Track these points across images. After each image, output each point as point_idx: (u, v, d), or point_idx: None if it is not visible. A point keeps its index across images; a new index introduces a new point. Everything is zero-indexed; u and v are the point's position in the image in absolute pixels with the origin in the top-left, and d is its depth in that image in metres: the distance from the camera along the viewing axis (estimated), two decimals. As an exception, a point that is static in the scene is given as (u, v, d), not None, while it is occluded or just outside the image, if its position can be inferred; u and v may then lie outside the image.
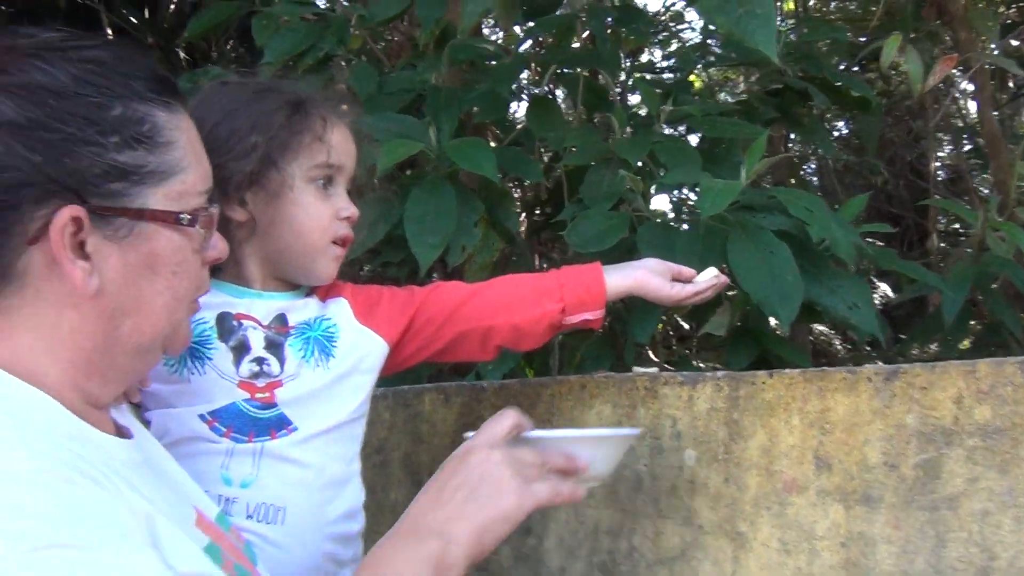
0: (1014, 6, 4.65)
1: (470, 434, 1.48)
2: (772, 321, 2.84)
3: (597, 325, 1.88)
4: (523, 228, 3.70)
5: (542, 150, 3.32)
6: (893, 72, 5.14)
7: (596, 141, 2.74)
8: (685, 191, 3.28)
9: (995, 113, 3.55)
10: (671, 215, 3.10)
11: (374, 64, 3.22)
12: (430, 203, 2.57)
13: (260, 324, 1.71)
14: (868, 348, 6.41)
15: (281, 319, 1.73)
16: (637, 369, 1.88)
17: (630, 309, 2.82)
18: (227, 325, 1.69)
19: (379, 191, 2.08)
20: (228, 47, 4.66)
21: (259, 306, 1.73)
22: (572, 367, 2.84)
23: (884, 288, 5.07)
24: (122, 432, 1.36)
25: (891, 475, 1.49)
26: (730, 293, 2.86)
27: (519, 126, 3.30)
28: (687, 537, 1.76)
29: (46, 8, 4.62)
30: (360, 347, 1.77)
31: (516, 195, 4.32)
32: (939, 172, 6.23)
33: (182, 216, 1.28)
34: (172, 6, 5.10)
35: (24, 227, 1.19)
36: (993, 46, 3.22)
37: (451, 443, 2.21)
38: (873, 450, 1.52)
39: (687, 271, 1.89)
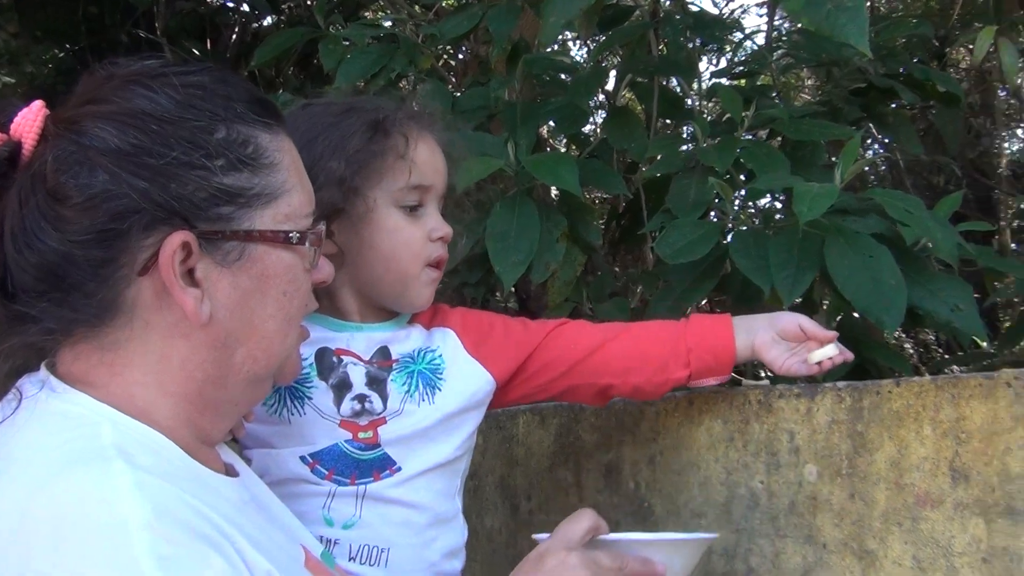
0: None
1: (543, 536, 1.43)
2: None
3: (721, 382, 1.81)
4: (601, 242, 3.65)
5: (617, 162, 3.26)
6: (953, 68, 5.05)
7: (678, 150, 2.68)
8: (768, 198, 3.20)
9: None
10: (756, 222, 3.02)
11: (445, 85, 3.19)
12: (512, 220, 2.52)
13: (361, 359, 1.65)
14: (939, 351, 6.29)
15: (384, 352, 1.66)
16: (748, 382, 1.80)
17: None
18: (327, 362, 1.63)
19: (469, 210, 2.01)
20: (291, 73, 4.66)
21: (359, 340, 1.66)
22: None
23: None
24: (229, 470, 1.32)
25: (1037, 485, 1.42)
26: (825, 302, 2.79)
27: (592, 139, 3.25)
28: (810, 557, 1.68)
29: (109, 44, 4.64)
30: (468, 381, 1.70)
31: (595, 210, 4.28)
32: (1003, 170, 6.13)
33: (292, 235, 1.25)
34: (234, 36, 5.11)
35: (133, 256, 1.16)
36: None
37: (548, 467, 2.15)
38: (1015, 459, 1.43)
39: (821, 333, 1.74)
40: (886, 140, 4.07)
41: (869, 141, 4.98)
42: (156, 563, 0.99)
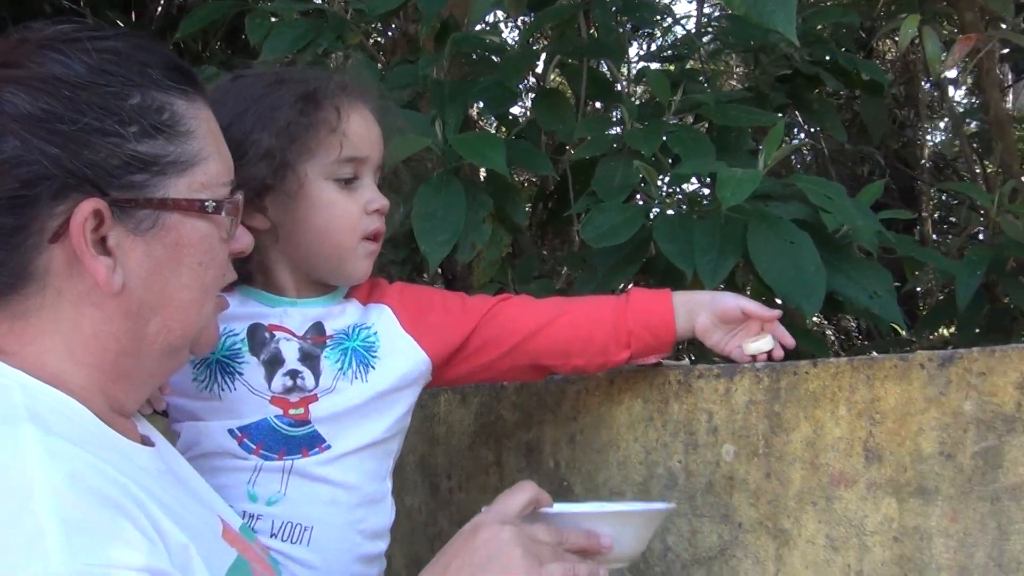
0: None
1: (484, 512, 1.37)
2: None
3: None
4: (528, 223, 3.64)
5: (546, 144, 3.26)
6: (879, 59, 5.12)
7: (607, 132, 2.69)
8: (694, 182, 3.22)
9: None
10: (683, 207, 3.04)
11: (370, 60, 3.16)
12: (439, 199, 2.51)
13: (295, 335, 1.62)
14: (859, 338, 6.39)
15: (318, 328, 1.64)
16: (668, 362, 1.81)
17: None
18: (259, 338, 1.60)
19: (407, 180, 1.97)
20: (218, 48, 4.60)
21: (293, 315, 1.63)
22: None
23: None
24: (145, 441, 1.30)
25: (947, 465, 1.44)
26: (747, 287, 2.81)
27: (522, 120, 3.25)
28: (726, 536, 1.70)
29: (31, 13, 4.54)
30: (403, 360, 1.67)
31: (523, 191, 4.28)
32: (926, 161, 6.22)
33: (208, 203, 1.23)
34: (159, 8, 5.03)
35: (43, 224, 1.14)
36: (1004, 27, 3.17)
37: (468, 445, 2.15)
38: (927, 440, 1.46)
39: (764, 313, 1.72)
40: (812, 129, 4.11)
41: (796, 130, 5.04)
42: (60, 527, 0.97)
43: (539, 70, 3.27)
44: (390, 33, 4.04)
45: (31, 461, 1.02)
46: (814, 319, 5.85)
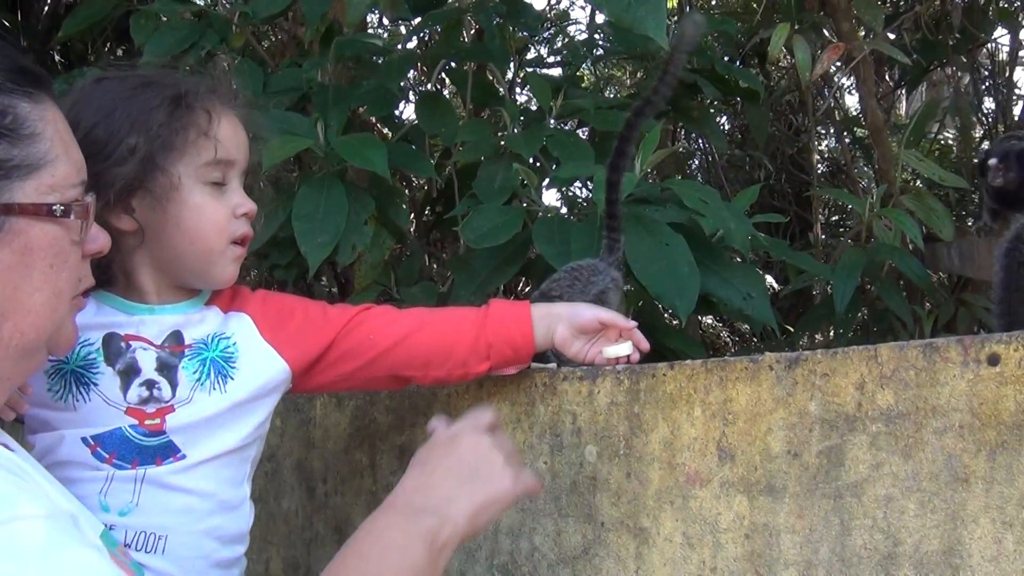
0: (891, 2, 4.74)
1: (437, 423, 1.49)
2: (666, 314, 2.85)
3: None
4: (414, 226, 3.65)
5: (432, 148, 3.27)
6: (774, 66, 5.22)
7: (488, 136, 2.72)
8: (577, 186, 3.26)
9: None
10: (564, 210, 3.08)
11: (258, 64, 3.14)
12: (319, 201, 2.51)
13: (152, 344, 1.60)
14: (755, 339, 6.51)
15: (176, 337, 1.62)
16: (536, 365, 1.83)
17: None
18: (115, 347, 1.58)
19: (267, 188, 1.97)
20: (106, 49, 4.52)
21: (150, 324, 1.61)
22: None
23: (769, 279, 5.14)
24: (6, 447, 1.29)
25: (794, 464, 1.48)
26: (625, 287, 2.85)
27: (408, 124, 3.25)
28: (589, 535, 1.72)
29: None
30: (261, 369, 1.66)
31: (406, 194, 4.28)
32: (819, 165, 6.35)
33: (55, 207, 1.21)
34: (46, 8, 4.93)
35: None
36: (872, 37, 3.26)
37: (344, 448, 2.15)
38: (776, 439, 1.50)
39: (620, 323, 1.77)
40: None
41: (693, 135, 5.11)
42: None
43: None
44: (280, 36, 4.02)
45: None
46: (707, 321, 5.97)
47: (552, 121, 2.70)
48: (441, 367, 1.76)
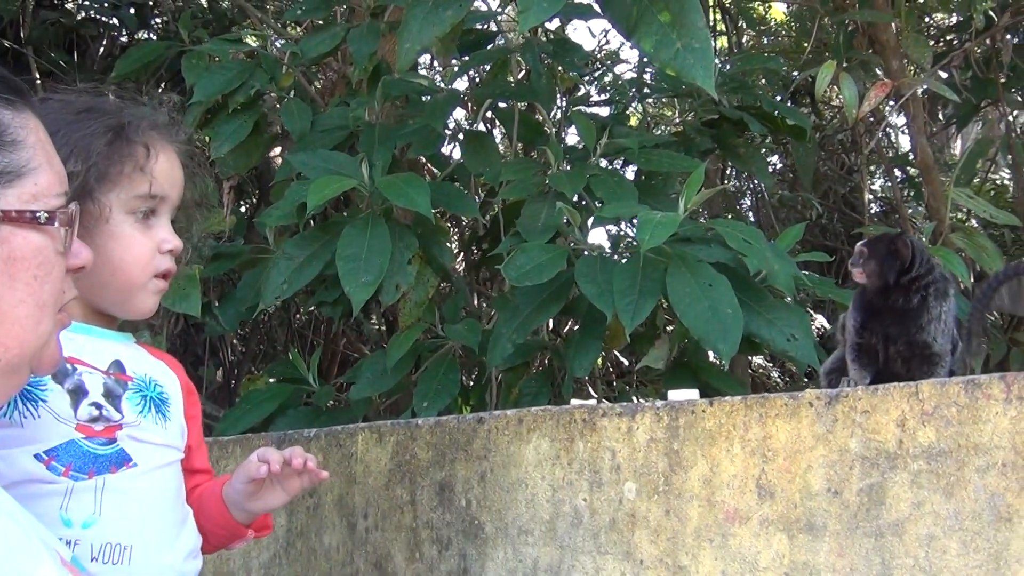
0: (942, 40, 4.71)
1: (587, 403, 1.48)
2: (711, 354, 2.83)
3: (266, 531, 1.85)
4: (461, 264, 3.66)
5: (479, 187, 3.29)
6: (825, 104, 5.20)
7: (532, 175, 2.72)
8: (623, 225, 3.26)
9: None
10: (608, 249, 3.08)
11: (308, 103, 3.18)
12: (363, 241, 2.53)
13: (97, 368, 1.60)
14: (807, 380, 6.45)
15: (118, 366, 1.63)
16: (575, 401, 1.83)
17: (568, 343, 2.79)
18: (61, 368, 1.56)
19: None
20: (160, 89, 4.59)
21: (89, 350, 1.61)
22: (510, 402, 2.80)
23: (820, 319, 5.10)
24: None
25: (834, 501, 1.46)
26: (668, 328, 2.85)
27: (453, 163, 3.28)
28: (627, 572, 1.71)
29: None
30: (178, 435, 1.70)
31: (454, 233, 4.30)
32: (871, 204, 6.30)
33: (39, 214, 1.19)
34: (101, 49, 5.03)
35: None
36: (923, 75, 3.24)
37: (384, 484, 2.15)
38: (816, 476, 1.48)
39: (280, 456, 1.73)
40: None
41: (745, 174, 5.08)
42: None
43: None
44: (328, 76, 4.07)
45: None
46: (757, 360, 5.91)
47: (600, 160, 2.71)
48: (208, 542, 1.77)
